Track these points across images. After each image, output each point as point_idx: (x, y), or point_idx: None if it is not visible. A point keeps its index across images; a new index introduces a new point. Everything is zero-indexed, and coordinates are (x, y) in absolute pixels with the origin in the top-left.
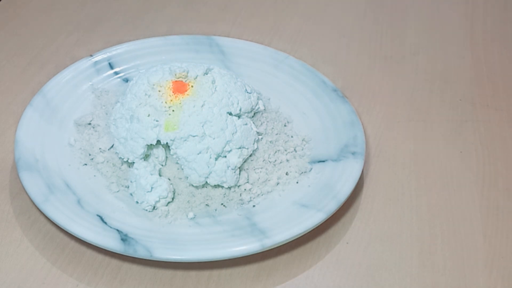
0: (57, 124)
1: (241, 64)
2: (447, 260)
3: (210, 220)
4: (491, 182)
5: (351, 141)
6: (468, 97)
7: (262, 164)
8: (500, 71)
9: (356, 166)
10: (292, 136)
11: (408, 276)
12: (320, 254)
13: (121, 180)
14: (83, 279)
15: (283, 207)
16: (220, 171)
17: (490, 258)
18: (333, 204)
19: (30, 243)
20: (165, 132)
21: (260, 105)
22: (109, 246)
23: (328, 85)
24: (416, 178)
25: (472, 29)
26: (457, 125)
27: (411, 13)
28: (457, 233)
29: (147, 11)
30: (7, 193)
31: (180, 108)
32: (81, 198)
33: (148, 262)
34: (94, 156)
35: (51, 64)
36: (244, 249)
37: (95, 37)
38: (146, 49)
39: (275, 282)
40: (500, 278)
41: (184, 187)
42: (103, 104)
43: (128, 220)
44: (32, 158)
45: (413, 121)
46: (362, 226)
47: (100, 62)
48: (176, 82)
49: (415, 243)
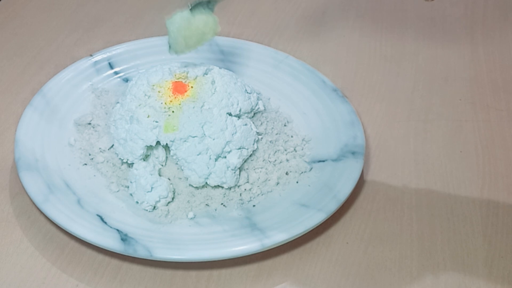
0: (57, 124)
1: (241, 64)
2: (447, 260)
3: (210, 220)
4: (491, 182)
5: (351, 141)
6: (468, 97)
7: (262, 164)
8: (500, 71)
9: (356, 166)
10: (292, 136)
11: (408, 276)
12: (320, 254)
13: (121, 180)
14: (83, 279)
15: (283, 207)
16: (220, 171)
17: (490, 258)
18: (333, 204)
19: (30, 243)
20: (164, 133)
21: (260, 105)
22: (109, 246)
23: (328, 85)
24: (416, 178)
25: (472, 29)
26: (457, 125)
27: (411, 13)
28: (457, 233)
29: (147, 11)
30: (7, 193)
31: (179, 109)
32: (81, 198)
33: (148, 262)
34: (94, 156)
35: (51, 64)
36: (244, 249)
37: (95, 37)
38: (146, 49)
39: (275, 282)
40: (500, 278)
41: (184, 187)
42: (103, 104)
43: (128, 220)
44: (32, 158)
45: (413, 121)
46: (362, 226)
47: (100, 62)
48: (175, 82)
49: (415, 243)
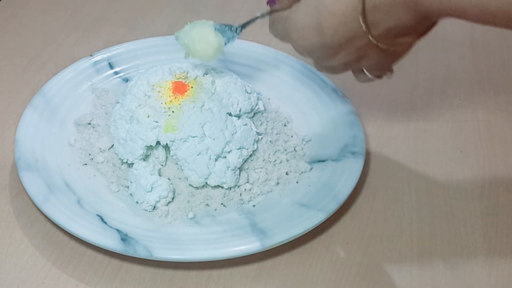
0: (57, 124)
1: (241, 64)
2: (447, 260)
3: (210, 220)
4: (491, 182)
5: (351, 141)
6: (468, 97)
7: (262, 164)
8: (500, 71)
9: (356, 166)
10: (292, 136)
11: (408, 276)
12: (320, 254)
13: (121, 180)
14: (83, 279)
15: (283, 207)
16: (220, 171)
17: (490, 258)
18: (333, 204)
19: (30, 243)
20: (164, 133)
21: (260, 105)
22: (109, 246)
23: (328, 85)
24: (416, 178)
25: (472, 29)
26: (457, 125)
27: None
28: (457, 233)
29: (147, 11)
30: (7, 193)
31: (179, 109)
32: (81, 198)
33: (148, 262)
34: (94, 156)
35: (51, 64)
36: (244, 249)
37: (95, 37)
38: (146, 49)
39: (275, 282)
40: (500, 278)
41: (184, 187)
42: (103, 104)
43: (128, 220)
44: (32, 158)
45: (413, 121)
46: (362, 226)
47: (100, 62)
48: (175, 82)
49: (415, 243)
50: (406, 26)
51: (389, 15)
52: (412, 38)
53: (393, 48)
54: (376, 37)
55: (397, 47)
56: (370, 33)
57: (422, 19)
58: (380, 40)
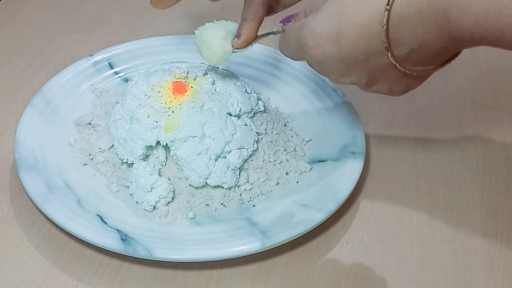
0: (57, 124)
1: (241, 64)
2: (447, 260)
3: (210, 220)
4: (491, 182)
5: (351, 141)
6: (468, 97)
7: (262, 164)
8: (500, 71)
9: (356, 166)
10: (292, 136)
11: (408, 276)
12: (320, 254)
13: (121, 180)
14: (83, 279)
15: (283, 207)
16: (220, 172)
17: (490, 258)
18: (333, 204)
19: (30, 243)
20: (164, 133)
21: (260, 105)
22: (109, 246)
23: (328, 84)
24: (416, 178)
25: None
26: (457, 125)
27: None
28: (457, 233)
29: (147, 11)
30: (7, 193)
31: (179, 109)
32: (81, 198)
33: (148, 262)
34: (94, 156)
35: (51, 64)
36: (244, 249)
37: (95, 37)
38: (146, 49)
39: (275, 282)
40: (500, 278)
41: (184, 187)
42: (103, 104)
43: (128, 220)
44: (32, 158)
45: (413, 121)
46: (362, 226)
47: (100, 62)
48: (175, 82)
49: (415, 243)
50: (431, 51)
51: (415, 34)
52: (432, 67)
53: (411, 73)
54: (396, 57)
55: (415, 73)
56: (391, 51)
57: (449, 44)
58: (399, 63)
